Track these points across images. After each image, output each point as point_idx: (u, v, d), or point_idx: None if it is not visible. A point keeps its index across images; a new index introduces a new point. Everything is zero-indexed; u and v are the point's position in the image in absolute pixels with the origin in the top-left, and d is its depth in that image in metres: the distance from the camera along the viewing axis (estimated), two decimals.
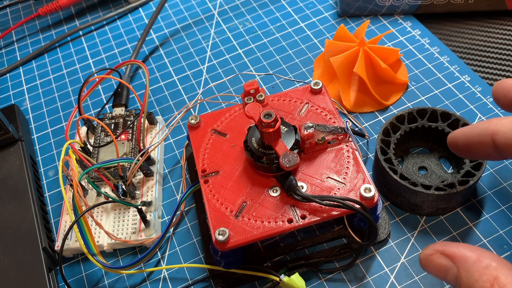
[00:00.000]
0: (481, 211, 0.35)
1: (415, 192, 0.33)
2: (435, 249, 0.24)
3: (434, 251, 0.24)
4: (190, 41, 0.52)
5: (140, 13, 0.56)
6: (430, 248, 0.24)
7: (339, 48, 0.42)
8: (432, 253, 0.24)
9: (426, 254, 0.25)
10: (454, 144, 0.30)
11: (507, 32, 0.47)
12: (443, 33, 0.48)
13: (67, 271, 0.36)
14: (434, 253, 0.24)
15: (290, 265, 0.33)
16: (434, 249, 0.24)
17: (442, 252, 0.24)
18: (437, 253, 0.24)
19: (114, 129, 0.41)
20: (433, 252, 0.24)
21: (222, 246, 0.29)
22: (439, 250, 0.24)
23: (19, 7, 0.60)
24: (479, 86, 0.43)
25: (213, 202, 0.32)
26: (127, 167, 0.38)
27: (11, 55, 0.54)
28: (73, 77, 0.50)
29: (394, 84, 0.43)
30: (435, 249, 0.24)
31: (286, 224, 0.30)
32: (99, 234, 0.36)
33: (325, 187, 0.31)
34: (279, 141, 0.31)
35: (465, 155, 0.30)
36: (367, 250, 0.35)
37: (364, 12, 0.50)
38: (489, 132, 0.27)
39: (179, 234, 0.37)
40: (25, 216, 0.37)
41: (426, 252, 0.25)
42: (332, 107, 0.36)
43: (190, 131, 0.36)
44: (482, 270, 0.22)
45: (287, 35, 0.50)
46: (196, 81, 0.48)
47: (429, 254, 0.24)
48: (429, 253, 0.24)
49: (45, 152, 0.44)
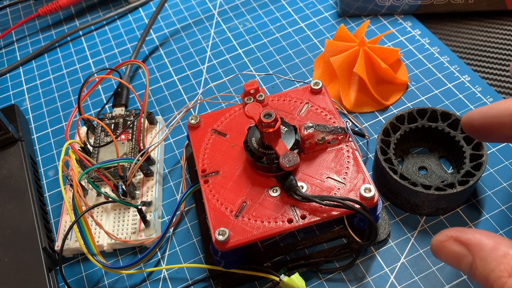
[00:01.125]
0: (481, 211, 0.35)
1: (415, 192, 0.33)
2: (448, 235, 0.22)
3: (447, 237, 0.22)
4: (190, 41, 0.52)
5: (140, 13, 0.56)
6: (443, 234, 0.23)
7: (339, 48, 0.42)
8: (445, 239, 0.22)
9: (438, 240, 0.23)
10: (469, 125, 0.27)
11: (507, 32, 0.47)
12: (443, 33, 0.48)
13: (67, 271, 0.36)
14: (447, 239, 0.22)
15: (290, 265, 0.33)
16: (448, 235, 0.22)
17: (456, 239, 0.22)
18: (450, 239, 0.22)
19: (114, 129, 0.41)
20: (446, 239, 0.22)
21: (222, 246, 0.29)
22: (453, 236, 0.22)
23: (19, 7, 0.60)
24: (479, 86, 0.43)
25: (213, 202, 0.32)
26: (127, 167, 0.38)
27: (11, 55, 0.54)
28: (73, 77, 0.50)
29: (394, 84, 0.43)
30: (448, 235, 0.22)
31: (286, 224, 0.30)
32: (99, 234, 0.36)
33: (325, 187, 0.31)
34: (279, 141, 0.31)
35: (481, 137, 0.27)
36: (367, 250, 0.35)
37: (364, 12, 0.50)
38: (510, 112, 0.24)
39: (179, 234, 0.37)
40: (25, 216, 0.37)
41: (439, 238, 0.23)
42: (332, 107, 0.36)
43: (190, 131, 0.36)
44: (499, 259, 0.20)
45: (287, 35, 0.50)
46: (196, 81, 0.48)
47: (442, 240, 0.23)
48: (442, 239, 0.23)
49: (45, 152, 0.44)
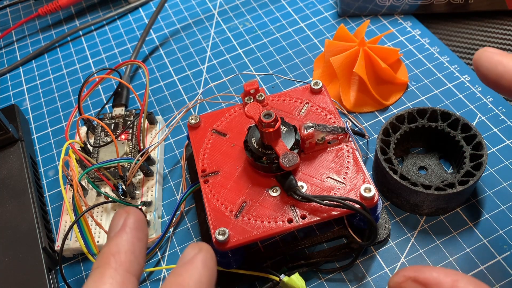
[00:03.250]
0: (481, 211, 0.35)
1: (415, 192, 0.33)
2: (406, 276, 0.22)
3: (405, 278, 0.22)
4: (190, 41, 0.52)
5: (140, 13, 0.56)
6: (400, 275, 0.22)
7: (339, 48, 0.42)
8: (403, 280, 0.22)
9: (396, 282, 0.22)
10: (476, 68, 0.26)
11: (507, 32, 0.47)
12: (443, 33, 0.48)
13: (67, 271, 0.36)
14: (405, 280, 0.22)
15: (290, 265, 0.33)
16: (405, 275, 0.22)
17: (414, 279, 0.22)
18: (408, 280, 0.22)
19: (114, 129, 0.41)
20: (404, 279, 0.22)
21: (222, 246, 0.29)
22: (411, 277, 0.22)
23: (19, 7, 0.60)
24: (479, 86, 0.43)
25: (213, 202, 0.32)
26: (127, 167, 0.38)
27: (11, 55, 0.54)
28: (73, 77, 0.50)
29: (394, 84, 0.43)
30: (406, 276, 0.22)
31: (286, 224, 0.30)
32: (99, 234, 0.36)
33: (325, 187, 0.31)
34: (279, 141, 0.31)
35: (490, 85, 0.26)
36: (367, 250, 0.35)
37: (364, 12, 0.50)
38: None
39: (179, 234, 0.37)
40: (25, 216, 0.37)
41: (396, 280, 0.22)
42: (332, 107, 0.36)
43: (190, 131, 0.36)
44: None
45: (287, 35, 0.50)
46: (196, 81, 0.48)
47: (399, 281, 0.22)
48: (399, 280, 0.22)
49: (45, 152, 0.44)
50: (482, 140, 0.35)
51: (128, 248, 0.21)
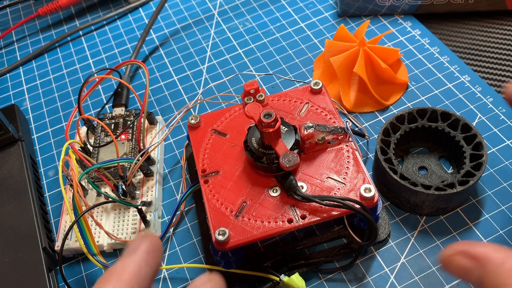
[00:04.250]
0: (481, 211, 0.35)
1: (415, 192, 0.33)
2: (457, 250, 0.23)
3: (456, 251, 0.23)
4: (190, 41, 0.52)
5: (140, 13, 0.56)
6: (452, 248, 0.23)
7: (339, 48, 0.42)
8: (454, 253, 0.23)
9: (447, 255, 0.23)
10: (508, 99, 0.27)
11: (507, 32, 0.47)
12: (443, 33, 0.48)
13: (67, 271, 0.36)
14: (456, 253, 0.23)
15: (290, 265, 0.33)
16: (456, 249, 0.23)
17: (465, 253, 0.22)
18: (459, 253, 0.22)
19: (114, 129, 0.41)
20: (454, 253, 0.23)
21: (222, 246, 0.29)
22: (462, 250, 0.22)
23: (19, 7, 0.60)
24: (479, 86, 0.43)
25: (213, 202, 0.32)
26: (127, 167, 0.38)
27: (11, 55, 0.54)
28: (73, 77, 0.50)
29: (394, 84, 0.43)
30: (457, 250, 0.23)
31: (286, 224, 0.30)
32: (99, 234, 0.36)
33: (325, 187, 0.31)
34: (279, 141, 0.31)
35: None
36: (367, 250, 0.35)
37: (364, 12, 0.50)
38: None
39: (179, 234, 0.37)
40: (25, 216, 0.37)
41: (448, 253, 0.23)
42: (332, 107, 0.36)
43: (190, 131, 0.36)
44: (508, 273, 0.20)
45: (287, 35, 0.50)
46: (196, 81, 0.48)
47: (450, 254, 0.23)
48: (450, 253, 0.23)
49: (45, 152, 0.44)
50: (482, 140, 0.35)
51: (133, 269, 0.21)
